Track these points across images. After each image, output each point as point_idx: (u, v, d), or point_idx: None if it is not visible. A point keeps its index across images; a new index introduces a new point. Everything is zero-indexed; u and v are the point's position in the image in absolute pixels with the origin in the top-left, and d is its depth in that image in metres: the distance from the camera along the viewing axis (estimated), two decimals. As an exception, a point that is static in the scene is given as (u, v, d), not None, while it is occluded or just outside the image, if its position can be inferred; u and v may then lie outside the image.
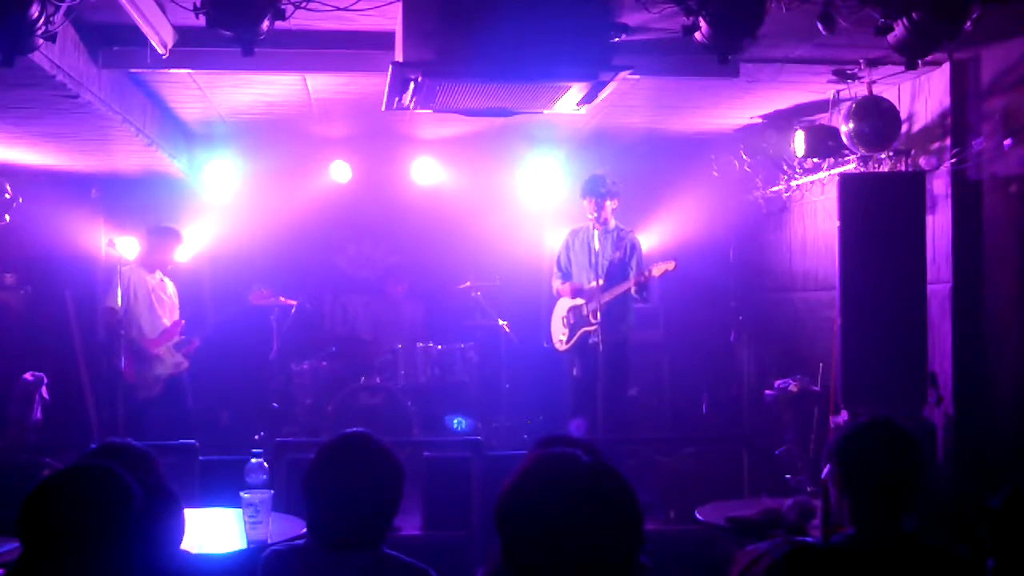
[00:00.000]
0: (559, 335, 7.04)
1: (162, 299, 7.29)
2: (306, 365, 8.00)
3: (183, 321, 7.32)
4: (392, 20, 4.54)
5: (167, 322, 7.23)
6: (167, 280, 7.41)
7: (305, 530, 2.86)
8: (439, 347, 8.01)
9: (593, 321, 6.64)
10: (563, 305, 7.06)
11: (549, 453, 1.80)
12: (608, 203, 6.76)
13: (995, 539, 2.22)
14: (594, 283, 6.66)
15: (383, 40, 4.85)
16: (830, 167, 6.40)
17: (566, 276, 7.06)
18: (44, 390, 7.44)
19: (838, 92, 6.17)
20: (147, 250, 7.24)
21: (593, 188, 6.78)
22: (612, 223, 6.86)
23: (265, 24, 3.84)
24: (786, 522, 4.07)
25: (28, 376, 7.39)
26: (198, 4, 3.79)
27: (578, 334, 6.84)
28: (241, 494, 3.75)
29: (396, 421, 7.45)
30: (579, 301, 6.87)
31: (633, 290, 6.66)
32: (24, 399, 7.33)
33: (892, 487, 2.60)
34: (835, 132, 5.93)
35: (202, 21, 3.84)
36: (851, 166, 6.12)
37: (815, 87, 6.17)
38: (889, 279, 5.70)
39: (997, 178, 5.54)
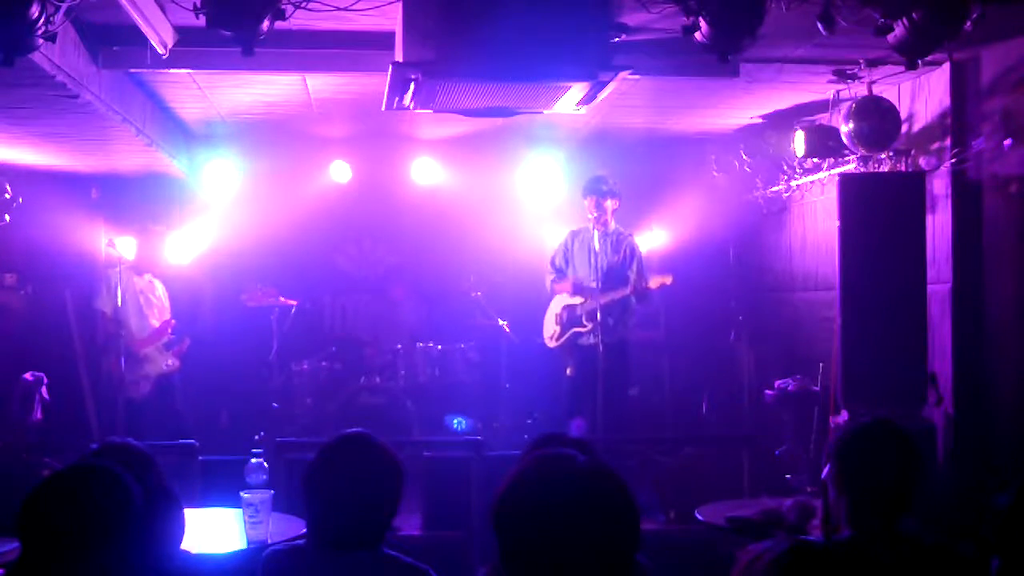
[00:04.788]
0: (550, 331, 7.04)
1: (151, 300, 7.30)
2: (306, 365, 7.99)
3: (173, 321, 7.32)
4: (392, 20, 4.53)
5: (156, 323, 7.24)
6: (156, 282, 7.42)
7: (305, 530, 2.86)
8: (439, 347, 8.00)
9: (586, 323, 6.65)
10: (559, 302, 7.06)
11: (545, 454, 1.80)
12: (608, 203, 6.76)
13: (1002, 538, 2.20)
14: (593, 284, 6.67)
15: (383, 40, 4.84)
16: (830, 167, 6.40)
17: (561, 275, 7.06)
18: (44, 390, 7.42)
19: (838, 92, 6.17)
20: (136, 252, 7.23)
21: (594, 187, 6.79)
22: (612, 225, 6.85)
23: (265, 24, 3.83)
24: (786, 522, 4.07)
25: (28, 376, 7.37)
26: (198, 4, 3.79)
27: (568, 333, 6.85)
28: (241, 494, 3.76)
29: (396, 421, 7.46)
30: (576, 300, 6.87)
31: (632, 296, 6.68)
32: (24, 399, 7.32)
33: (889, 489, 2.60)
34: (835, 132, 5.92)
35: (202, 21, 3.83)
36: (851, 166, 6.12)
37: (815, 87, 6.17)
38: (889, 279, 5.70)
39: (997, 178, 5.54)
